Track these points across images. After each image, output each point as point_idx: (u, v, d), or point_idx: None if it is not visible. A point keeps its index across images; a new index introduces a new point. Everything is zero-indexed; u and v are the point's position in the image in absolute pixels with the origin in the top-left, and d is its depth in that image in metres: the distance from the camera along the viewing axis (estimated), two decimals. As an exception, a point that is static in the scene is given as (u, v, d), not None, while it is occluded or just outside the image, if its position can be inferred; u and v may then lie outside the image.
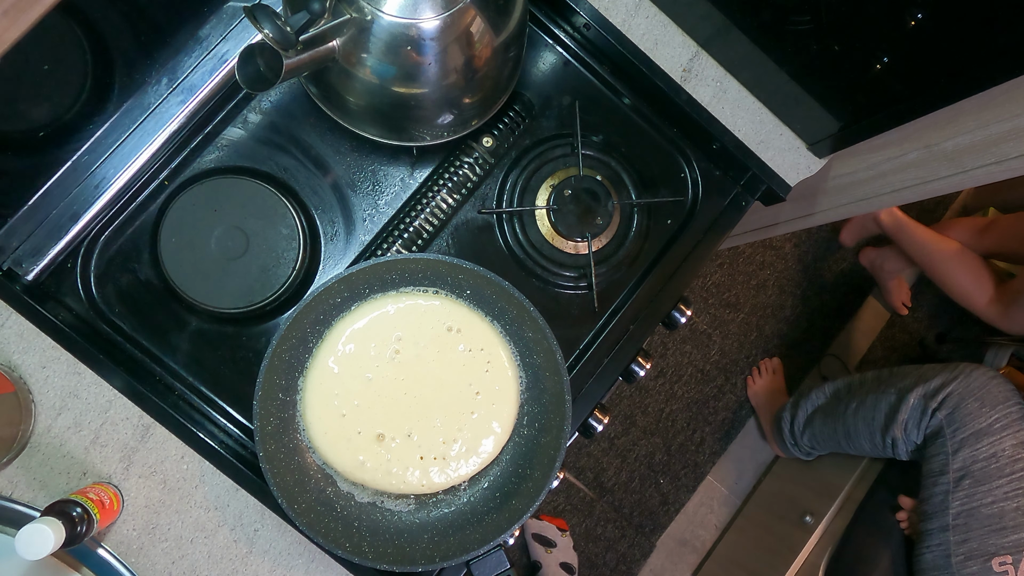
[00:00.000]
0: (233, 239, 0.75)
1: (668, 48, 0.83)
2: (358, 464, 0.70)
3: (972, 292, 1.48)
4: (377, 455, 0.70)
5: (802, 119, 0.83)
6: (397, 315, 0.72)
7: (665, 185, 0.86)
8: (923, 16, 0.63)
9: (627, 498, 1.80)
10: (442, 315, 0.72)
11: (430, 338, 0.72)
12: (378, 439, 0.70)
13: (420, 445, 0.71)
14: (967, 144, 0.80)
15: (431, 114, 0.71)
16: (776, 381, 1.84)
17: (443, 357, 0.72)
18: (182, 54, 0.75)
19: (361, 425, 0.70)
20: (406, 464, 0.70)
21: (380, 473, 0.70)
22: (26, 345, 0.70)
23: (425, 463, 0.71)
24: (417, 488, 0.71)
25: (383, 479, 0.70)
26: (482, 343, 0.73)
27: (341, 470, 0.70)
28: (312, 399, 0.70)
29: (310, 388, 0.70)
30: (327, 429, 0.70)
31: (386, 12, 0.59)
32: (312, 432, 0.70)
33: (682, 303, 0.84)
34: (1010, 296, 1.41)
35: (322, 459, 0.70)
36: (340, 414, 0.70)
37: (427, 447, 0.71)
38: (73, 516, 0.61)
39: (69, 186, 0.73)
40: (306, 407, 0.70)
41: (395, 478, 0.70)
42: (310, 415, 0.70)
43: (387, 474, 0.70)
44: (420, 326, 0.72)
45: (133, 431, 0.71)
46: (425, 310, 0.72)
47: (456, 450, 0.71)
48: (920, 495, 1.21)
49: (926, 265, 1.59)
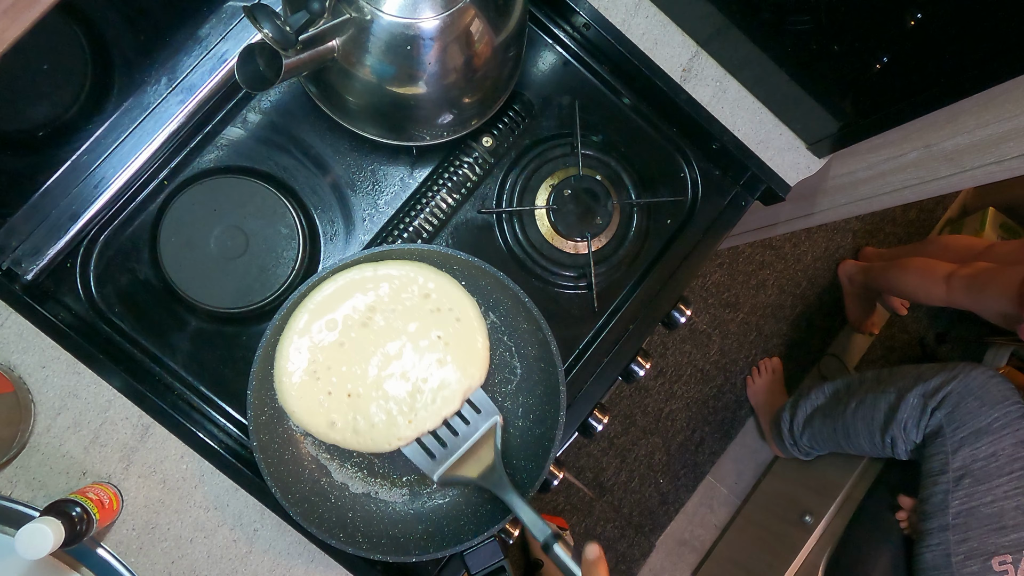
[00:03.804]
0: (232, 239, 0.75)
1: (668, 48, 0.83)
2: (329, 424, 0.69)
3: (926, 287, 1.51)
4: (345, 414, 0.69)
5: (802, 119, 0.83)
6: (372, 280, 0.70)
7: (665, 185, 0.86)
8: (923, 16, 0.63)
9: (627, 498, 1.80)
10: (417, 279, 0.71)
11: (403, 301, 0.71)
12: (348, 397, 0.69)
13: (387, 398, 0.70)
14: (967, 144, 0.80)
15: (431, 114, 0.71)
16: (775, 381, 1.84)
17: (413, 316, 0.71)
18: (181, 54, 0.75)
19: (332, 386, 0.69)
20: (372, 421, 0.69)
21: (348, 432, 0.69)
22: (25, 345, 0.70)
23: (395, 418, 0.70)
24: (384, 445, 0.69)
25: (352, 438, 0.69)
26: (451, 303, 0.71)
27: (316, 433, 0.69)
28: (284, 364, 0.69)
29: (282, 353, 0.69)
30: (301, 394, 0.68)
31: (386, 12, 0.59)
32: (285, 397, 0.69)
33: (682, 303, 0.84)
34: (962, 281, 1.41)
35: (297, 423, 0.69)
36: (313, 377, 0.69)
37: (394, 400, 0.70)
38: (72, 516, 0.61)
39: (69, 186, 0.73)
40: (280, 373, 0.69)
41: (362, 435, 0.69)
42: (284, 380, 0.68)
43: (354, 432, 0.69)
44: (394, 289, 0.70)
45: (132, 431, 0.71)
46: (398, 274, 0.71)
47: (423, 401, 0.70)
48: (920, 494, 1.21)
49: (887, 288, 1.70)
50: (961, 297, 1.42)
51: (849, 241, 1.95)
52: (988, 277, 1.36)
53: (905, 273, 1.59)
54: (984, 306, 1.37)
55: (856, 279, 1.83)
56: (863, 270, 1.80)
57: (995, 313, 1.35)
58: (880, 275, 1.71)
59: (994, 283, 1.33)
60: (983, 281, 1.36)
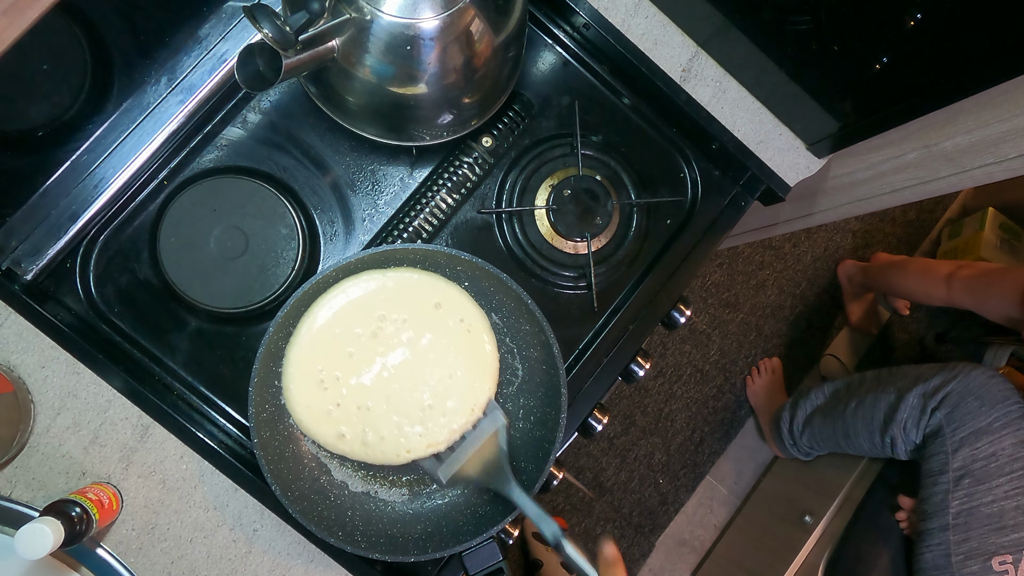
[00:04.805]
0: (232, 239, 0.75)
1: (667, 48, 0.83)
2: (338, 436, 0.69)
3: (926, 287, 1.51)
4: (355, 426, 0.69)
5: (801, 119, 0.83)
6: (382, 290, 0.70)
7: (664, 185, 0.86)
8: (922, 16, 0.63)
9: (626, 498, 1.80)
10: (427, 290, 0.71)
11: (413, 312, 0.70)
12: (357, 409, 0.69)
13: (398, 412, 0.69)
14: (966, 144, 0.80)
15: (430, 114, 0.71)
16: (775, 381, 1.84)
17: (423, 327, 0.70)
18: (181, 53, 0.75)
19: (341, 397, 0.69)
20: (381, 434, 0.69)
21: (357, 444, 0.69)
22: (25, 345, 0.70)
23: (404, 430, 0.69)
24: (393, 457, 0.69)
25: (360, 450, 0.69)
26: (461, 313, 0.71)
27: (324, 443, 0.69)
28: (293, 371, 0.69)
29: (291, 361, 0.69)
30: (310, 402, 0.68)
31: (385, 12, 0.59)
32: (293, 405, 0.69)
33: (681, 303, 0.84)
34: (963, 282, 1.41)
35: (305, 431, 0.69)
36: (321, 387, 0.69)
37: (405, 413, 0.69)
38: (72, 516, 0.61)
39: (68, 186, 0.73)
40: (288, 380, 0.69)
41: (371, 448, 0.69)
42: (292, 388, 0.69)
43: (363, 444, 0.69)
44: (404, 300, 0.70)
45: (132, 431, 0.71)
46: (409, 284, 0.70)
47: (434, 414, 0.70)
48: (920, 494, 1.21)
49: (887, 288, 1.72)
50: (963, 298, 1.42)
51: (849, 241, 1.95)
52: (991, 279, 1.36)
53: (905, 273, 1.59)
54: (987, 308, 1.37)
55: (856, 279, 1.83)
56: (863, 270, 1.80)
57: (999, 315, 1.35)
58: (880, 275, 1.71)
59: (998, 285, 1.33)
60: (986, 283, 1.36)
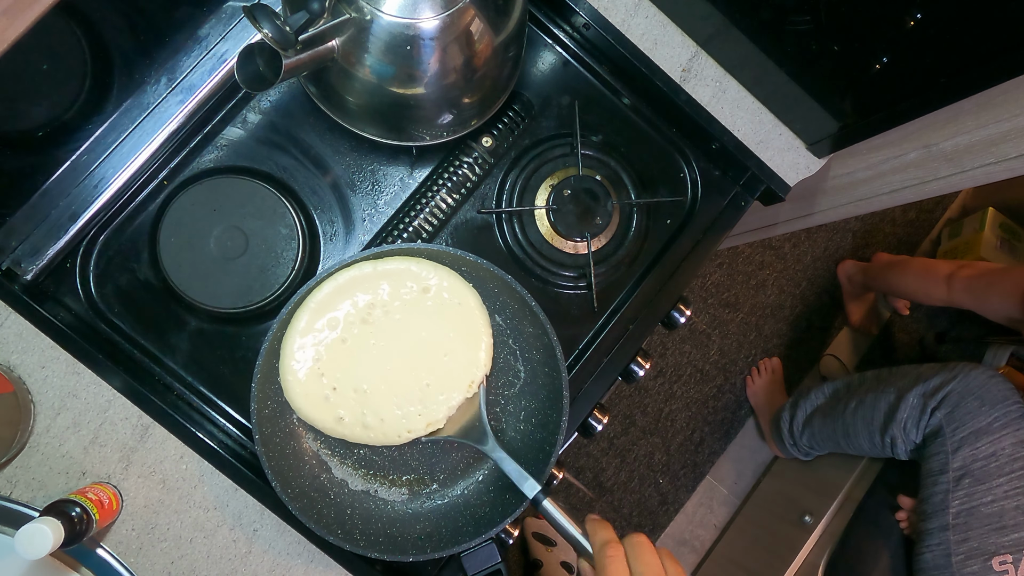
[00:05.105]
0: (232, 239, 0.75)
1: (667, 48, 0.83)
2: (336, 420, 0.69)
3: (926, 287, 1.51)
4: (353, 409, 0.69)
5: (801, 119, 0.83)
6: (372, 275, 0.70)
7: (664, 185, 0.86)
8: (922, 16, 0.63)
9: (626, 498, 1.80)
10: (415, 273, 0.71)
11: (402, 295, 0.71)
12: (354, 392, 0.70)
13: (397, 393, 0.70)
14: (966, 144, 0.80)
15: (430, 114, 0.71)
16: (775, 381, 1.84)
17: (414, 309, 0.71)
18: (181, 54, 0.75)
19: (337, 382, 0.69)
20: (381, 415, 0.70)
21: (358, 427, 0.69)
22: (25, 345, 0.70)
23: (405, 410, 0.70)
24: (394, 438, 0.70)
25: (361, 432, 0.70)
26: (449, 292, 0.71)
27: (324, 428, 0.70)
28: (287, 363, 0.69)
29: (287, 351, 0.69)
30: (307, 391, 0.69)
31: (385, 12, 0.59)
32: (291, 394, 0.69)
33: (681, 303, 0.84)
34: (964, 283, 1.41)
35: (305, 418, 0.69)
36: (318, 374, 0.69)
37: (403, 394, 0.70)
38: (72, 516, 0.61)
39: (68, 186, 0.73)
40: (285, 371, 0.69)
41: (372, 430, 0.70)
42: (289, 379, 0.69)
43: (363, 427, 0.69)
44: (393, 283, 0.71)
45: (132, 431, 0.71)
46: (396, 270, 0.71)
47: (432, 392, 0.71)
48: (920, 494, 1.21)
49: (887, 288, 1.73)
50: (963, 298, 1.42)
51: (849, 241, 1.95)
52: (991, 279, 1.36)
53: (905, 273, 1.59)
54: (988, 308, 1.37)
55: (856, 279, 1.83)
56: (863, 270, 1.80)
57: (999, 315, 1.35)
58: (880, 275, 1.71)
59: (998, 285, 1.33)
60: (986, 283, 1.36)
